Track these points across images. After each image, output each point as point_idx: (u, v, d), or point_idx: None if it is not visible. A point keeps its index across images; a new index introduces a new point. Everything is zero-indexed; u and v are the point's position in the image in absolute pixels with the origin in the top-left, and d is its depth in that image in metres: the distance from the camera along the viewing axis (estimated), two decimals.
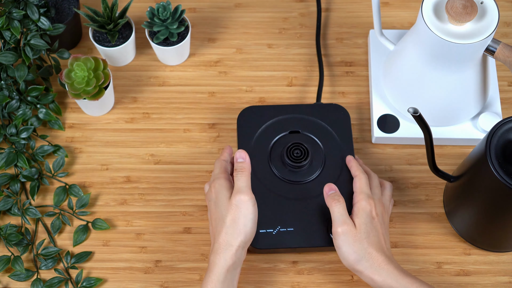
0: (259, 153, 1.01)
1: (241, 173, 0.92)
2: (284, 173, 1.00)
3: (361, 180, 0.96)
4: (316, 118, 1.03)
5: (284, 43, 1.18)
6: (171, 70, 1.16)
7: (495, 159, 0.86)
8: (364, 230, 0.91)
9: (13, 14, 1.04)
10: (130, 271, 1.01)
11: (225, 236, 0.90)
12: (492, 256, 1.01)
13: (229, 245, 0.89)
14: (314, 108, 1.05)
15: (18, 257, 1.00)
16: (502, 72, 1.14)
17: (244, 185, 0.91)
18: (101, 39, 1.12)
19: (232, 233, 0.90)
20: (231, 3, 1.22)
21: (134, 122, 1.12)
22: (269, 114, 1.04)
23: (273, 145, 1.02)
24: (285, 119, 1.04)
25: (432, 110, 1.04)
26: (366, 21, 1.20)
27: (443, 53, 0.96)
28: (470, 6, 0.92)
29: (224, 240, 0.90)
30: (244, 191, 0.91)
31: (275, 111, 1.04)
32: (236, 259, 0.89)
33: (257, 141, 1.02)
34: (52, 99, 1.10)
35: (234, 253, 0.89)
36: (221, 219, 0.91)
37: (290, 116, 1.04)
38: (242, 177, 0.92)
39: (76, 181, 1.07)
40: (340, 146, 1.02)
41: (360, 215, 0.92)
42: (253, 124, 1.03)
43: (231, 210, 0.90)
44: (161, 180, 1.07)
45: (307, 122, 1.03)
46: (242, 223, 0.90)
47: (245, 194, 0.90)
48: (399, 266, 0.91)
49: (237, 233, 0.90)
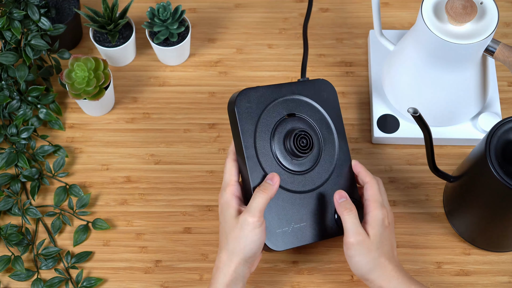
0: (262, 145, 0.93)
1: (262, 193, 0.89)
2: (289, 164, 0.95)
3: (373, 187, 0.92)
4: (308, 98, 0.97)
5: (284, 43, 1.18)
6: (171, 70, 1.16)
7: (495, 159, 0.86)
8: (378, 240, 0.89)
9: (13, 15, 1.04)
10: (130, 271, 1.01)
11: (225, 253, 0.89)
12: (492, 256, 1.01)
13: (228, 261, 0.88)
14: (305, 86, 0.98)
15: (19, 257, 1.00)
16: (502, 72, 1.14)
17: (257, 207, 0.88)
18: (101, 40, 1.13)
19: (232, 252, 0.88)
20: (231, 4, 1.22)
21: (134, 122, 1.12)
22: (263, 98, 0.94)
23: (273, 135, 0.94)
24: (280, 102, 0.95)
25: (432, 110, 1.04)
26: (366, 21, 1.20)
27: (443, 53, 0.96)
28: (469, 6, 0.92)
29: (224, 256, 0.89)
30: (254, 213, 0.87)
31: (267, 93, 0.95)
32: (236, 275, 0.88)
33: (258, 131, 0.93)
34: (53, 99, 1.10)
35: (233, 270, 0.88)
36: (225, 235, 0.90)
37: (285, 98, 0.96)
38: (260, 198, 0.88)
39: (76, 181, 1.07)
40: (333, 126, 0.98)
41: (375, 224, 0.90)
42: (250, 112, 0.94)
43: (235, 229, 0.88)
44: (161, 180, 1.07)
45: (300, 103, 0.97)
46: (243, 244, 0.88)
47: (253, 216, 0.87)
48: (407, 273, 0.90)
49: (237, 252, 0.88)
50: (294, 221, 0.94)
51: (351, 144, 1.09)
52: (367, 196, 0.92)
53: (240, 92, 0.93)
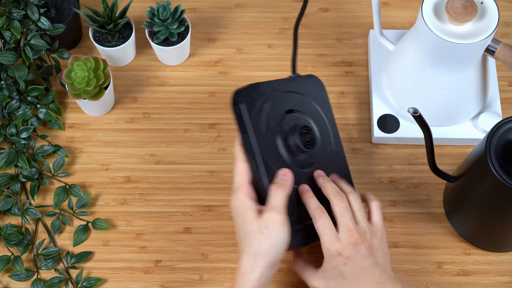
0: (270, 142, 0.89)
1: (280, 189, 0.85)
2: (295, 160, 0.91)
3: (337, 207, 0.86)
4: (303, 93, 0.95)
5: (284, 43, 1.18)
6: (171, 70, 1.16)
7: (495, 159, 0.86)
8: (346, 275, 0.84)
9: (13, 14, 1.04)
10: (130, 271, 1.01)
11: (248, 257, 0.84)
12: (492, 256, 1.01)
13: (254, 266, 0.83)
14: (298, 81, 0.95)
15: (18, 257, 1.00)
16: (502, 72, 1.14)
17: (279, 204, 0.84)
18: (101, 39, 1.12)
19: (257, 254, 0.83)
20: (231, 3, 1.22)
21: (134, 122, 1.12)
22: (265, 94, 0.91)
23: (278, 131, 0.90)
24: (280, 98, 0.92)
25: (432, 110, 1.04)
26: (366, 21, 1.20)
27: (443, 53, 0.96)
28: (470, 6, 0.92)
29: (247, 261, 0.84)
30: (278, 210, 0.84)
31: (268, 89, 0.92)
32: (263, 280, 0.84)
33: (265, 128, 0.90)
34: (52, 99, 1.10)
35: (259, 275, 0.83)
36: (246, 238, 0.84)
37: (283, 93, 0.93)
38: (279, 194, 0.85)
39: (76, 181, 1.07)
40: (326, 120, 0.96)
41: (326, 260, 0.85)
42: (255, 108, 0.90)
43: (260, 229, 0.84)
44: (161, 180, 1.07)
45: (297, 98, 0.94)
46: (269, 244, 0.83)
47: (279, 213, 0.83)
48: (403, 282, 0.86)
49: (263, 254, 0.83)
50: (306, 218, 0.90)
51: (351, 144, 1.09)
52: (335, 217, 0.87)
53: (244, 89, 0.90)
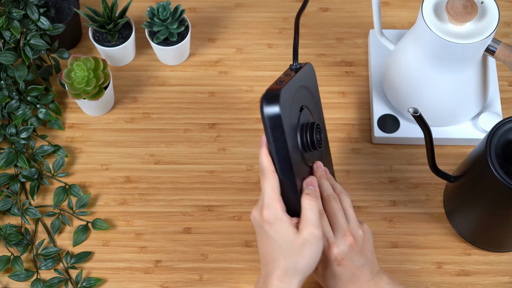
0: (294, 146, 0.83)
1: (314, 202, 0.82)
2: (305, 159, 0.86)
3: (330, 208, 0.85)
4: (307, 86, 0.88)
5: (284, 43, 1.18)
6: (171, 70, 1.16)
7: (495, 159, 0.86)
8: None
9: (13, 14, 1.04)
10: (130, 271, 1.01)
11: (280, 274, 0.81)
12: (492, 256, 1.01)
13: (290, 282, 0.81)
14: (302, 73, 0.87)
15: (18, 257, 1.00)
16: (502, 72, 1.14)
17: (315, 217, 0.81)
18: (101, 39, 1.12)
19: (293, 270, 0.81)
20: (231, 3, 1.22)
21: (134, 122, 1.11)
22: (288, 97, 0.82)
23: (298, 132, 0.85)
24: (296, 96, 0.85)
25: (432, 110, 1.03)
26: (366, 21, 1.20)
27: (443, 53, 0.96)
28: (470, 6, 0.92)
29: (277, 280, 0.81)
30: (317, 224, 0.81)
31: (289, 90, 0.83)
32: None
33: (291, 132, 0.83)
34: (52, 99, 1.10)
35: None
36: (285, 253, 0.81)
37: (296, 92, 0.85)
38: (314, 206, 0.82)
39: (76, 181, 1.07)
40: (321, 110, 0.93)
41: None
42: (286, 114, 0.82)
43: (300, 245, 0.81)
44: (161, 180, 1.07)
45: (304, 92, 0.88)
46: (309, 259, 0.81)
47: (317, 228, 0.81)
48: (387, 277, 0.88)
49: (300, 270, 0.82)
50: None
51: (351, 144, 1.09)
52: None
53: (276, 96, 0.80)
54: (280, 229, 0.81)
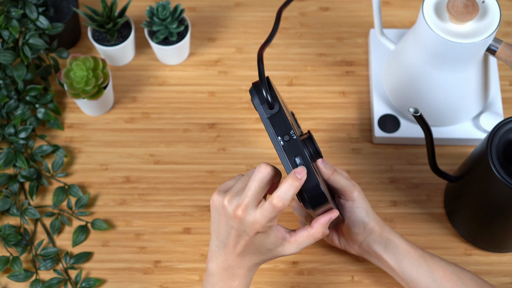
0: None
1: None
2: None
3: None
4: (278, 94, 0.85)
5: (284, 43, 1.18)
6: (171, 69, 1.16)
7: (496, 159, 0.86)
8: None
9: (11, 13, 1.03)
10: (129, 271, 1.00)
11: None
12: (493, 257, 1.01)
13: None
14: (271, 85, 0.80)
15: (17, 258, 0.99)
16: (504, 71, 1.14)
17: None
18: (100, 39, 1.12)
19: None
20: (231, 3, 1.22)
21: (133, 122, 1.11)
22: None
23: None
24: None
25: (433, 109, 1.03)
26: (366, 20, 1.19)
27: (444, 52, 0.95)
28: (471, 5, 0.92)
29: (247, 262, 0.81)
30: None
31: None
32: None
33: None
34: (51, 98, 1.10)
35: None
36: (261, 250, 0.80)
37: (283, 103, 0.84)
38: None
39: (75, 181, 1.07)
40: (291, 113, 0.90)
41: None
42: None
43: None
44: (161, 180, 1.07)
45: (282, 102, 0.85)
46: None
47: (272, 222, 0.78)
48: None
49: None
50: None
51: (351, 144, 1.09)
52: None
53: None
54: (267, 243, 0.79)
